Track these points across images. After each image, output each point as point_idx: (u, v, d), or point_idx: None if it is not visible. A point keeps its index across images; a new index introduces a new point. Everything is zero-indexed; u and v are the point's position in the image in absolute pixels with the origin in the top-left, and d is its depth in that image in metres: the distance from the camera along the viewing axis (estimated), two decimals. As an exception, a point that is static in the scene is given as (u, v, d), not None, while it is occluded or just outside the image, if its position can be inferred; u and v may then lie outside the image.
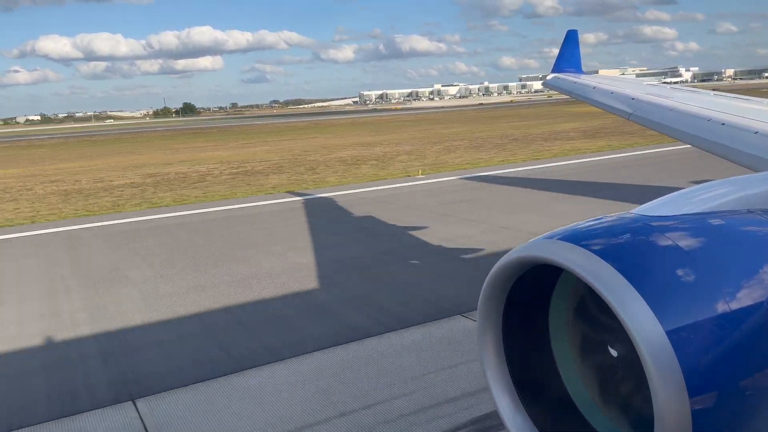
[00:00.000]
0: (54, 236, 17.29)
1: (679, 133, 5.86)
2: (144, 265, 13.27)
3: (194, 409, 6.69)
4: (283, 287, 10.98)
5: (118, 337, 9.09)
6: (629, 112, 6.84)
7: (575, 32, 9.99)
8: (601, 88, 8.02)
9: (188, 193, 24.51)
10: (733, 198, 2.62)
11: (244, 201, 21.39)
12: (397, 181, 24.08)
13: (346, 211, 18.27)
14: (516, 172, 24.37)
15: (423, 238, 14.05)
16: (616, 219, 2.31)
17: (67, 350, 8.78)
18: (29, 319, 10.19)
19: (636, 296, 1.89)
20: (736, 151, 4.76)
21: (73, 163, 45.24)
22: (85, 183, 30.43)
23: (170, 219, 18.78)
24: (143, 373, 7.78)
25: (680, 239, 2.10)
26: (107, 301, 10.89)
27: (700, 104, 6.08)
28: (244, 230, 16.38)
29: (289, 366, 7.66)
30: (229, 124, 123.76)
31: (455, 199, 18.98)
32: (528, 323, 2.47)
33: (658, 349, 1.83)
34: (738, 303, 1.95)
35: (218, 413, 6.55)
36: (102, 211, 21.11)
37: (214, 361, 7.96)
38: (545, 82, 9.82)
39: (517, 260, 2.25)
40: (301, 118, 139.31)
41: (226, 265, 12.82)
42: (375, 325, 8.80)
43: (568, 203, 17.22)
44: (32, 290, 11.93)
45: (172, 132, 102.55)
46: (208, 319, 9.62)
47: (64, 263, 13.96)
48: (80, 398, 7.20)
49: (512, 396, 2.45)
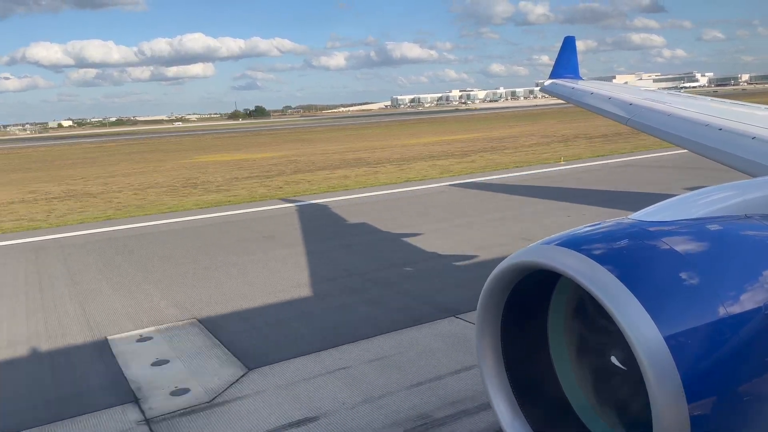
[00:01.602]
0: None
1: (677, 139, 5.88)
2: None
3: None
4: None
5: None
6: (627, 118, 6.86)
7: (572, 39, 10.00)
8: (598, 94, 8.03)
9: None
10: (730, 203, 2.62)
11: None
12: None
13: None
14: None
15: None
16: (613, 225, 2.31)
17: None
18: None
19: (634, 301, 1.89)
20: (733, 156, 4.78)
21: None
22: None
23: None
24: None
25: (678, 244, 2.11)
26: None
27: (698, 110, 6.10)
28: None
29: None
30: (370, 122, 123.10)
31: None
32: (526, 328, 2.47)
33: (656, 354, 1.82)
34: (735, 308, 1.95)
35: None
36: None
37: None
38: (543, 87, 9.83)
39: (515, 266, 2.25)
40: (388, 118, 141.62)
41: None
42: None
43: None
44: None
45: (345, 126, 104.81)
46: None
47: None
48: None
49: (510, 401, 2.45)
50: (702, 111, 5.99)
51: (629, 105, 7.05)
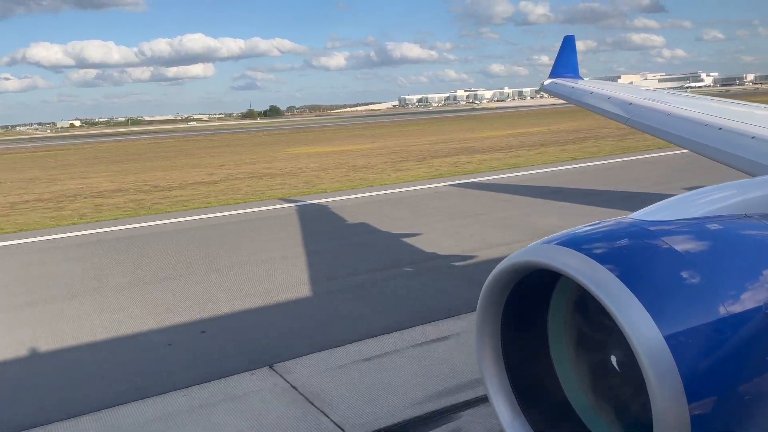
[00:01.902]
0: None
1: (677, 138, 5.88)
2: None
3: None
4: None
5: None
6: (626, 117, 6.86)
7: (572, 38, 10.00)
8: (598, 94, 8.03)
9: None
10: (730, 203, 2.62)
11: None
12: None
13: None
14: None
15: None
16: (613, 224, 2.31)
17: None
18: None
19: (634, 301, 1.89)
20: (733, 156, 4.77)
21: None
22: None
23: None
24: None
25: (678, 244, 2.10)
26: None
27: (698, 109, 6.10)
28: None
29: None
30: (397, 120, 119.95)
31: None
32: (526, 328, 2.47)
33: (656, 354, 1.82)
34: (736, 307, 1.95)
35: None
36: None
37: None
38: (542, 87, 9.83)
39: (514, 266, 2.25)
40: (405, 117, 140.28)
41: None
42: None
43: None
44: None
45: (376, 124, 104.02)
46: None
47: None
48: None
49: (511, 401, 2.45)
50: (702, 110, 5.99)
51: (629, 104, 7.05)
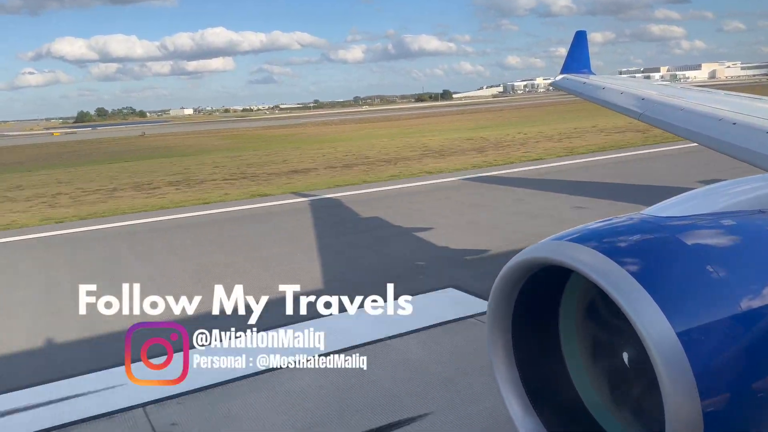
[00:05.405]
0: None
1: (690, 133, 5.82)
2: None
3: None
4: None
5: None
6: (639, 113, 6.80)
7: (584, 33, 9.94)
8: (610, 89, 7.97)
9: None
10: (745, 198, 2.59)
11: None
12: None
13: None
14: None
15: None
16: (625, 220, 2.29)
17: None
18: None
19: (646, 297, 1.87)
20: (747, 151, 4.72)
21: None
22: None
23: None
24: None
25: (691, 240, 2.08)
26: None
27: (711, 104, 6.03)
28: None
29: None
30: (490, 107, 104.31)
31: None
32: (538, 325, 2.46)
33: (668, 351, 1.81)
34: (750, 304, 1.93)
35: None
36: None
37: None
38: (554, 83, 9.77)
39: (525, 262, 2.24)
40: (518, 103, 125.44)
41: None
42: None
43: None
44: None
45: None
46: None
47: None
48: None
49: (522, 398, 2.44)
50: (716, 105, 5.92)
51: (642, 100, 6.99)
